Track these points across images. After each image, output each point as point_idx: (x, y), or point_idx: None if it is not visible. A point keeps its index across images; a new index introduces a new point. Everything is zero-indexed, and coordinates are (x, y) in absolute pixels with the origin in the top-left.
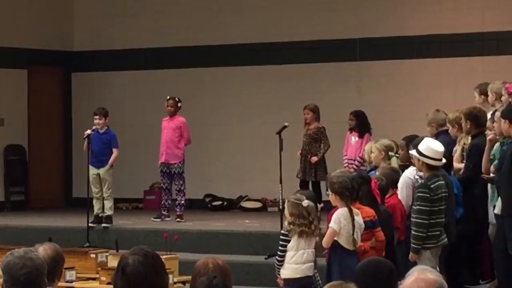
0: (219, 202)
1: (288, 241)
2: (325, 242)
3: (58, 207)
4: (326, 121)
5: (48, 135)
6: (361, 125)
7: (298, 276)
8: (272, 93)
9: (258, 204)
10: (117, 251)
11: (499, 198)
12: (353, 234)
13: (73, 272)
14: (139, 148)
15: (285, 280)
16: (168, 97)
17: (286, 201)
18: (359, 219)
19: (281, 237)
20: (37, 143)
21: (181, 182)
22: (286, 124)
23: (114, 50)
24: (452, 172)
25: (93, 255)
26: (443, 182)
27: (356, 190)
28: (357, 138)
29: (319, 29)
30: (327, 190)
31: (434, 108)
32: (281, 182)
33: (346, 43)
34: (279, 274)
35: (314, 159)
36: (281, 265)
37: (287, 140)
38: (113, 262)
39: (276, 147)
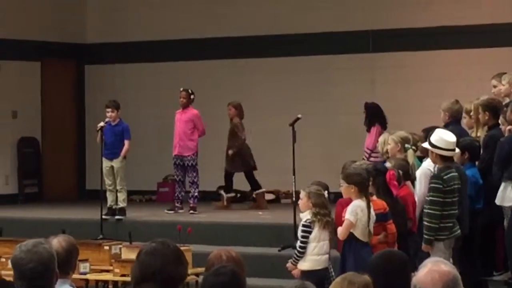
0: (233, 194)
1: (310, 232)
2: (341, 234)
3: (71, 199)
4: (339, 113)
5: (61, 128)
6: (369, 117)
7: (319, 267)
8: (285, 85)
9: (271, 196)
10: (131, 243)
11: (499, 190)
12: (368, 226)
13: (87, 264)
14: (153, 141)
15: (304, 272)
16: (181, 89)
17: (305, 192)
18: (372, 211)
19: (303, 228)
20: (51, 136)
21: (194, 174)
22: (299, 116)
23: (127, 42)
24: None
25: (106, 247)
26: (456, 174)
27: (370, 182)
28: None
29: (331, 21)
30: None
31: (447, 99)
32: (294, 174)
33: (359, 35)
34: (294, 264)
35: (230, 152)
36: (302, 257)
37: (300, 132)
38: (126, 254)
39: (289, 139)
